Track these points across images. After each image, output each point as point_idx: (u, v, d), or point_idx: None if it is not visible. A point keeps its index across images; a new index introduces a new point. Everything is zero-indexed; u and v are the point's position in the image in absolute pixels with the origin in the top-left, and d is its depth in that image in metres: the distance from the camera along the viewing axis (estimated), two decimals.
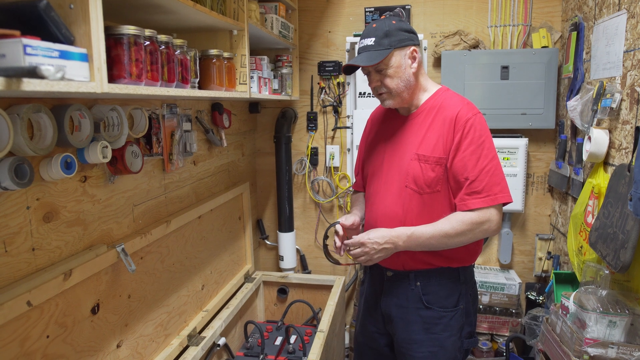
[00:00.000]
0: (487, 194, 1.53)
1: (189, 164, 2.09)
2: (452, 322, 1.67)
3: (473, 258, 1.71)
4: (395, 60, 1.58)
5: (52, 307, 1.25)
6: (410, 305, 1.69)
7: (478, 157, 1.54)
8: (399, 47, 1.57)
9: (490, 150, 1.55)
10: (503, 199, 1.54)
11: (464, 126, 1.55)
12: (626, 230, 1.51)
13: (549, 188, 2.69)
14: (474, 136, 1.54)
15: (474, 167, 1.53)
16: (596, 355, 1.56)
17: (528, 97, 2.50)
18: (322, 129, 2.93)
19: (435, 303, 1.67)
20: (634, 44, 1.65)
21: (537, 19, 2.59)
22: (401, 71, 1.59)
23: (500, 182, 1.55)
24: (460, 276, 1.68)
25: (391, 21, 1.60)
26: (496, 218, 1.55)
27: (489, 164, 1.54)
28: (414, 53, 1.60)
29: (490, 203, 1.53)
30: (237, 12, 1.85)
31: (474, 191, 1.54)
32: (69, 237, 1.35)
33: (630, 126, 1.66)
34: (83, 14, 0.95)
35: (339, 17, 2.82)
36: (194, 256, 2.10)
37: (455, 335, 1.68)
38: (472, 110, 1.59)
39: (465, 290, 1.70)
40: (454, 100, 1.62)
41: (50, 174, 1.22)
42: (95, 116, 1.36)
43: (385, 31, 1.57)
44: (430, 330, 1.67)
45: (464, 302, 1.69)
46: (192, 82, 1.58)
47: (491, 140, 1.58)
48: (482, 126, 1.57)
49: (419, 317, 1.68)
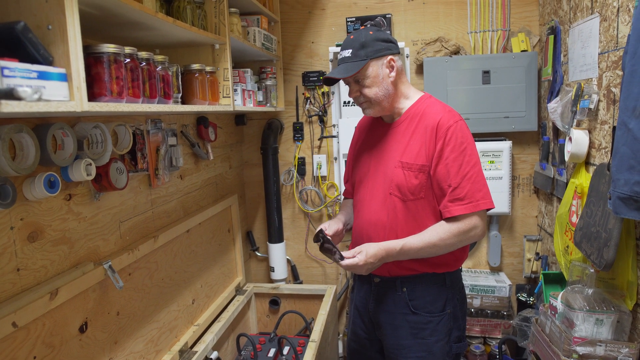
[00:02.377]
0: (469, 200, 1.54)
1: (176, 178, 2.10)
2: (440, 326, 1.68)
3: (458, 263, 1.72)
4: (372, 70, 1.61)
5: (39, 327, 1.24)
6: (397, 311, 1.70)
7: (460, 164, 1.55)
8: (376, 57, 1.60)
9: (472, 156, 1.57)
10: (485, 205, 1.56)
11: (445, 134, 1.56)
12: (608, 229, 1.53)
13: (534, 189, 2.72)
14: (455, 143, 1.56)
15: (456, 174, 1.55)
16: (585, 353, 1.58)
17: (510, 100, 2.54)
18: (309, 139, 2.94)
19: (422, 308, 1.68)
20: (608, 46, 1.69)
21: (516, 23, 2.63)
22: (379, 80, 1.62)
23: (482, 188, 1.56)
24: (446, 281, 1.69)
25: (368, 32, 1.62)
26: (481, 224, 1.57)
27: (471, 171, 1.55)
28: (392, 62, 1.62)
29: (473, 209, 1.54)
30: (219, 26, 1.86)
31: (456, 198, 1.55)
32: (54, 256, 1.35)
33: (608, 126, 1.69)
34: (61, 34, 0.96)
35: (321, 27, 2.85)
36: (183, 270, 2.10)
37: (443, 340, 1.68)
38: (453, 117, 1.60)
39: (452, 295, 1.70)
40: (436, 107, 1.64)
41: (34, 194, 1.22)
42: (78, 134, 1.36)
43: (361, 42, 1.60)
44: (417, 335, 1.68)
45: (451, 306, 1.69)
46: (175, 97, 1.58)
47: (473, 147, 1.59)
48: (463, 133, 1.58)
49: (406, 323, 1.69)
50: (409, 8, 2.74)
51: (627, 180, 1.25)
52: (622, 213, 1.28)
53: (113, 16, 1.30)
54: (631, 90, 1.24)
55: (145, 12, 1.29)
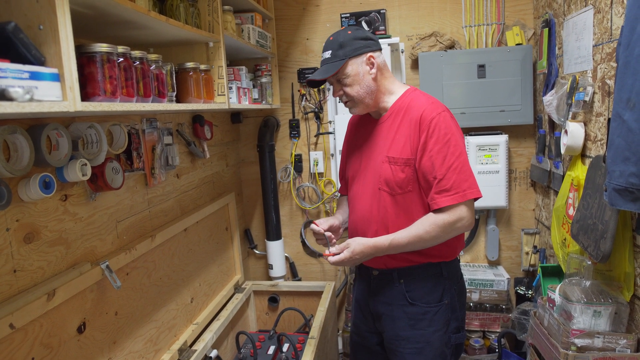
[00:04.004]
0: (455, 191, 1.54)
1: (172, 177, 2.09)
2: (437, 317, 1.68)
3: (454, 253, 1.73)
4: (351, 69, 1.63)
5: (37, 328, 1.24)
6: (395, 302, 1.72)
7: (444, 155, 1.55)
8: (354, 55, 1.62)
9: (456, 147, 1.56)
10: (472, 195, 1.56)
11: (428, 126, 1.57)
12: (605, 221, 1.54)
13: (531, 183, 2.73)
14: (439, 135, 1.56)
15: (440, 166, 1.55)
16: (583, 345, 1.58)
17: (505, 94, 2.54)
18: (305, 136, 2.94)
19: (419, 299, 1.69)
20: (602, 38, 1.69)
21: (510, 17, 2.63)
22: (359, 78, 1.63)
23: (468, 178, 1.56)
24: (442, 271, 1.69)
25: (347, 32, 1.65)
26: (468, 214, 1.57)
27: (456, 162, 1.55)
28: (371, 59, 1.64)
29: (460, 200, 1.54)
30: (212, 24, 1.86)
31: (442, 189, 1.55)
32: (51, 257, 1.35)
33: (603, 118, 1.69)
34: (53, 34, 0.95)
35: (316, 24, 2.84)
36: (181, 269, 2.09)
37: (441, 330, 1.69)
38: (436, 109, 1.59)
39: (449, 285, 1.71)
40: (420, 100, 1.64)
41: (29, 195, 1.22)
42: (73, 134, 1.36)
43: (339, 42, 1.62)
44: (415, 326, 1.69)
45: (448, 297, 1.70)
46: (169, 95, 1.58)
47: (458, 138, 1.59)
48: (446, 124, 1.57)
49: (404, 314, 1.71)
50: (403, 3, 2.74)
51: (622, 171, 1.25)
52: (617, 205, 1.29)
53: (106, 15, 1.30)
54: (625, 82, 1.24)
55: (137, 10, 1.29)
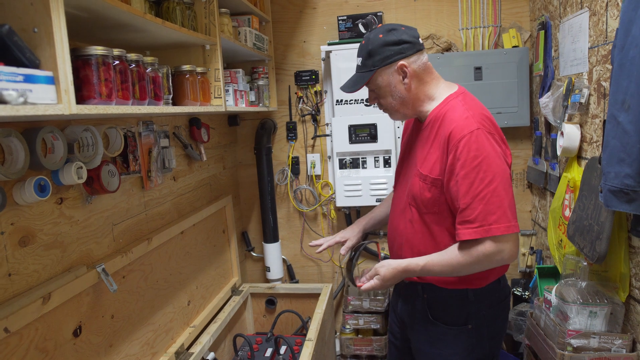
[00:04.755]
0: (480, 223, 1.36)
1: (169, 180, 2.09)
2: (457, 341, 1.56)
3: (484, 280, 1.54)
4: (381, 79, 1.51)
5: (32, 332, 1.24)
6: (417, 316, 1.64)
7: (471, 182, 1.37)
8: (384, 65, 1.49)
9: (487, 173, 1.36)
10: (498, 231, 1.35)
11: (456, 146, 1.39)
12: (600, 222, 1.54)
13: (528, 184, 2.73)
14: (467, 158, 1.37)
15: (465, 194, 1.37)
16: (579, 346, 1.59)
17: (502, 96, 2.54)
18: (302, 138, 2.94)
19: (440, 318, 1.58)
20: (597, 40, 1.69)
21: (507, 19, 2.64)
22: (391, 89, 1.51)
23: (497, 210, 1.35)
24: (469, 295, 1.54)
25: (378, 35, 1.50)
26: (505, 248, 1.37)
27: (485, 190, 1.36)
28: (403, 68, 1.49)
29: (484, 234, 1.36)
30: (209, 27, 1.86)
31: (465, 220, 1.38)
32: (46, 260, 1.34)
33: (599, 120, 1.70)
34: (47, 37, 0.95)
35: (313, 26, 2.85)
36: (178, 272, 2.09)
37: (461, 355, 1.57)
38: (468, 126, 1.39)
39: (477, 311, 1.55)
40: (455, 113, 1.45)
41: (24, 198, 1.22)
42: (69, 137, 1.35)
43: (368, 50, 1.50)
44: (434, 345, 1.61)
45: (474, 322, 1.55)
46: (166, 98, 1.58)
47: (491, 161, 1.37)
48: (479, 145, 1.37)
49: (424, 330, 1.62)
50: (400, 5, 2.74)
51: (617, 173, 1.25)
52: (613, 206, 1.29)
53: (101, 18, 1.30)
54: (620, 84, 1.24)
55: (133, 13, 1.29)
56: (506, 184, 1.38)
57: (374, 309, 2.63)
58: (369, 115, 2.66)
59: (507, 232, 1.36)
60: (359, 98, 2.66)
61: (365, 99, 2.63)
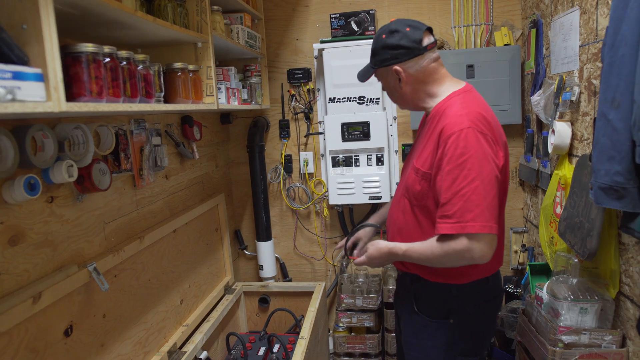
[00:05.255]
0: (457, 220, 1.37)
1: (161, 178, 2.08)
2: (438, 333, 1.60)
3: (466, 277, 1.56)
4: (381, 77, 1.63)
5: (22, 332, 1.23)
6: (406, 307, 1.71)
7: (454, 178, 1.39)
8: (381, 66, 1.57)
9: (471, 171, 1.37)
10: (474, 229, 1.35)
11: (445, 142, 1.42)
12: (591, 219, 1.55)
13: (519, 182, 2.75)
14: (453, 154, 1.39)
15: (447, 189, 1.40)
16: (570, 342, 1.60)
17: (494, 94, 2.55)
18: (295, 136, 2.94)
19: (424, 311, 1.63)
20: (588, 38, 1.70)
21: (499, 17, 2.65)
22: (390, 87, 1.62)
23: (475, 208, 1.36)
24: (452, 290, 1.58)
25: (382, 35, 1.54)
26: (474, 247, 1.37)
27: (466, 187, 1.37)
28: (398, 73, 1.53)
29: (459, 231, 1.37)
30: (201, 24, 1.85)
31: (445, 214, 1.41)
32: (37, 259, 1.33)
33: (590, 117, 1.71)
34: (36, 34, 0.94)
35: (306, 24, 2.84)
36: (170, 271, 2.08)
37: (440, 349, 1.60)
38: (460, 123, 1.41)
39: (460, 306, 1.58)
40: (452, 110, 1.48)
41: (14, 197, 1.21)
42: (59, 135, 1.34)
43: (373, 49, 1.58)
44: (417, 335, 1.65)
45: (456, 318, 1.58)
46: (157, 96, 1.57)
47: (476, 160, 1.38)
48: (467, 143, 1.39)
49: (410, 320, 1.68)
50: (392, 3, 2.74)
51: (607, 170, 1.26)
52: (603, 203, 1.30)
53: (92, 15, 1.29)
54: (610, 82, 1.25)
55: (124, 10, 1.28)
56: (488, 185, 1.38)
57: (367, 307, 2.63)
58: (362, 113, 2.65)
59: (482, 231, 1.36)
60: (352, 96, 2.66)
61: (359, 97, 2.64)
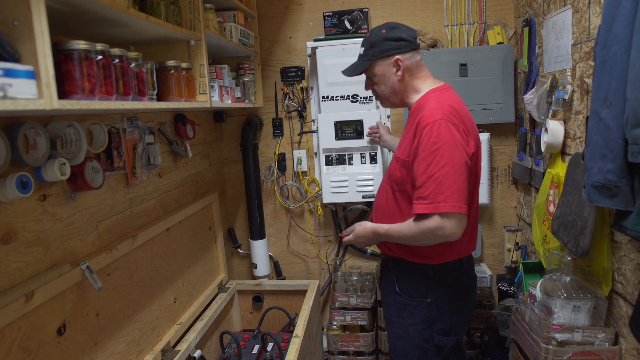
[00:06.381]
0: (431, 200, 1.55)
1: (154, 176, 2.07)
2: (417, 312, 1.76)
3: (442, 257, 1.73)
4: (378, 69, 1.73)
5: (14, 331, 1.22)
6: (389, 288, 1.86)
7: (428, 164, 1.56)
8: (382, 57, 1.71)
9: (442, 157, 1.54)
10: (445, 208, 1.53)
11: (421, 132, 1.59)
12: (584, 217, 1.56)
13: (513, 180, 2.76)
14: (427, 143, 1.56)
15: (422, 173, 1.57)
16: (563, 340, 1.61)
17: (487, 92, 2.56)
18: (288, 135, 2.94)
19: (405, 291, 1.79)
20: (580, 37, 1.71)
21: (492, 16, 2.65)
22: (385, 79, 1.74)
23: (446, 190, 1.53)
24: (429, 270, 1.74)
25: (381, 30, 1.71)
26: (445, 225, 1.54)
27: (439, 172, 1.54)
28: (398, 62, 1.70)
29: (433, 210, 1.54)
30: (194, 22, 1.84)
31: (419, 196, 1.58)
32: (29, 258, 1.32)
33: (582, 116, 1.72)
34: (28, 30, 0.93)
35: (299, 22, 2.84)
36: (164, 269, 2.08)
37: (419, 326, 1.76)
38: (434, 115, 1.58)
39: (436, 286, 1.75)
40: (429, 104, 1.64)
41: (6, 195, 1.19)
42: (52, 133, 1.33)
43: (371, 42, 1.72)
44: (399, 314, 1.81)
45: (433, 297, 1.74)
46: (150, 94, 1.56)
47: (447, 148, 1.55)
48: (439, 132, 1.55)
49: (393, 300, 1.83)
50: (386, 2, 2.75)
51: (600, 168, 1.27)
52: (596, 201, 1.31)
53: (84, 12, 1.28)
54: (602, 80, 1.25)
55: (116, 8, 1.27)
56: (458, 170, 1.55)
57: (360, 305, 2.64)
58: (355, 112, 2.65)
59: (452, 210, 1.53)
60: (345, 94, 2.66)
61: (352, 95, 2.64)
